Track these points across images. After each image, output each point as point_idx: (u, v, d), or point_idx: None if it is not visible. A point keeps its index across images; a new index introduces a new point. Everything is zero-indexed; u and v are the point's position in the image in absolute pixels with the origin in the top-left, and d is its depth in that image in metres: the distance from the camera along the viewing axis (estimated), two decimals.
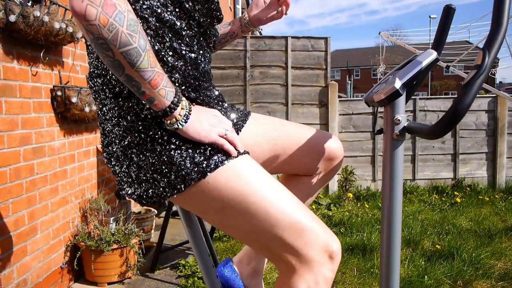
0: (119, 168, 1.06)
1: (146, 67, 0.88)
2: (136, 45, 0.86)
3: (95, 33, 0.82)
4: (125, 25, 0.84)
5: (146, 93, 0.91)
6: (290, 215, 1.00)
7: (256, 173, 1.04)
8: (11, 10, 1.99)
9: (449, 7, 1.23)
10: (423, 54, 1.08)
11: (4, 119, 2.10)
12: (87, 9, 0.80)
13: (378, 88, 1.12)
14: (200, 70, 1.10)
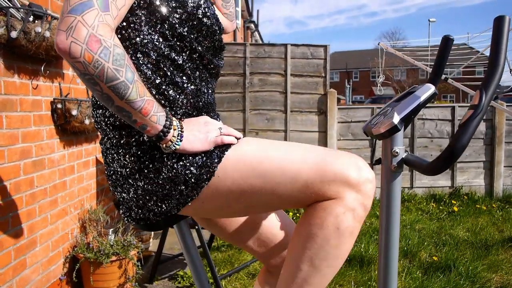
0: (127, 194, 1.07)
1: (135, 98, 0.89)
2: (123, 79, 0.86)
3: (81, 69, 0.83)
4: (110, 60, 0.84)
5: (137, 121, 0.93)
6: (306, 162, 1.01)
7: (256, 144, 1.07)
8: (12, 26, 2.00)
9: (447, 37, 1.25)
10: (421, 88, 1.10)
11: (5, 134, 2.11)
12: (71, 46, 0.81)
13: (377, 120, 1.14)
14: (203, 102, 1.12)
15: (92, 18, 0.82)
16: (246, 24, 18.71)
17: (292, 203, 1.05)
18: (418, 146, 5.18)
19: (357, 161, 1.05)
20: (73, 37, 0.81)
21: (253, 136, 5.11)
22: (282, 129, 5.12)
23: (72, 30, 0.81)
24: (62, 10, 0.84)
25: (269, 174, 1.00)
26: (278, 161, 1.01)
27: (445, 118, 5.18)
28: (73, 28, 0.81)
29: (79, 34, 0.81)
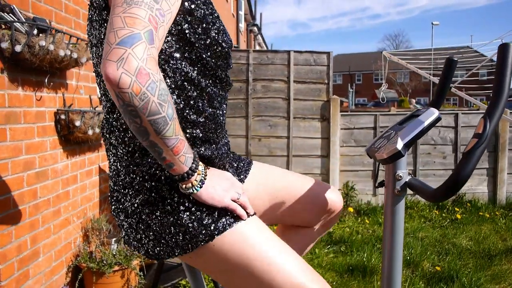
0: (128, 224, 1.08)
1: (171, 135, 0.90)
2: (165, 114, 0.87)
3: (126, 100, 0.83)
4: (156, 94, 0.85)
5: (166, 158, 0.93)
6: (294, 280, 1.02)
7: (262, 236, 1.06)
8: (17, 40, 2.01)
9: (451, 59, 1.25)
10: (425, 113, 1.10)
11: (9, 146, 2.12)
12: (122, 77, 0.81)
13: (380, 143, 1.14)
14: (219, 123, 1.13)
15: (141, 51, 0.83)
16: (249, 28, 18.74)
17: None
18: (421, 153, 5.17)
19: None
20: (124, 68, 0.81)
21: (256, 142, 5.12)
22: (284, 135, 5.12)
23: (124, 61, 0.81)
24: (108, 40, 0.84)
25: (257, 274, 1.02)
26: (273, 268, 1.02)
27: (448, 125, 5.17)
28: (124, 60, 0.81)
29: (130, 66, 0.81)
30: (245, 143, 5.14)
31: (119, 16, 0.86)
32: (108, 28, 0.86)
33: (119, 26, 0.84)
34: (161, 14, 0.91)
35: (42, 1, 2.41)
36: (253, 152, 5.13)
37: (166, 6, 0.93)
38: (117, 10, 0.87)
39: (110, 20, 0.87)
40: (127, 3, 0.87)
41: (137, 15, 0.86)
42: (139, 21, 0.85)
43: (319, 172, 5.12)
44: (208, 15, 1.05)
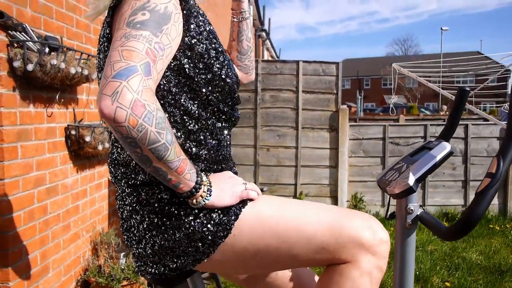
0: (143, 250, 1.08)
1: (173, 159, 0.91)
2: (164, 141, 0.88)
3: (124, 133, 0.84)
4: (153, 124, 0.85)
5: (172, 179, 0.95)
6: (321, 223, 1.03)
7: (274, 204, 1.07)
8: (29, 59, 2.03)
9: (463, 89, 1.24)
10: (437, 147, 1.09)
11: (20, 163, 2.13)
12: (117, 111, 0.81)
13: (391, 176, 1.13)
14: (223, 155, 1.13)
15: (136, 83, 0.83)
16: (257, 33, 18.77)
17: (308, 263, 1.07)
18: None
19: (371, 222, 1.06)
20: (119, 102, 0.81)
21: (265, 152, 5.11)
22: (293, 145, 5.12)
23: (118, 95, 0.81)
24: (105, 73, 0.85)
25: (285, 235, 1.02)
26: (295, 222, 1.03)
27: (458, 136, 5.13)
28: (119, 93, 0.81)
29: (125, 99, 0.81)
30: (253, 153, 5.14)
31: (117, 49, 0.86)
32: (106, 61, 0.87)
33: (116, 59, 0.85)
34: (161, 48, 0.91)
35: (54, 17, 2.43)
36: (261, 162, 5.13)
37: (167, 40, 0.93)
38: (116, 44, 0.88)
39: (109, 54, 0.88)
40: (126, 37, 0.88)
41: (135, 48, 0.86)
42: (136, 53, 0.86)
43: (328, 182, 5.11)
44: (210, 49, 1.05)
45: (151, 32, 0.89)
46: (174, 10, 0.96)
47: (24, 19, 2.14)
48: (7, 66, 2.02)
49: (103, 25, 1.05)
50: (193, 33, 1.01)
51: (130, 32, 0.88)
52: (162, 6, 0.93)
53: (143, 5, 0.92)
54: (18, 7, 2.10)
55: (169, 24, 0.94)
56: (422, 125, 5.16)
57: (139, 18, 0.90)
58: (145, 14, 0.91)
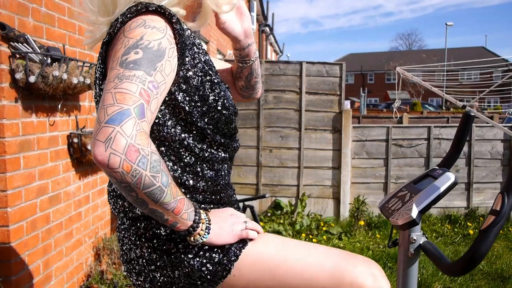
0: (143, 283, 1.08)
1: (169, 200, 0.90)
2: (159, 184, 0.86)
3: (118, 179, 0.83)
4: (148, 168, 0.84)
5: (169, 219, 0.94)
6: (322, 267, 1.03)
7: (274, 244, 1.06)
8: (31, 70, 2.02)
9: (469, 114, 1.23)
10: (441, 178, 1.08)
11: (22, 174, 2.14)
12: (111, 157, 0.80)
13: (394, 205, 1.12)
14: (221, 184, 1.12)
15: (130, 128, 0.81)
16: (261, 28, 18.70)
17: None
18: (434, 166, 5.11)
19: (372, 269, 1.06)
20: (112, 148, 0.79)
21: (267, 153, 5.11)
22: (296, 146, 5.11)
23: (111, 141, 0.80)
24: (98, 117, 0.83)
25: (285, 278, 1.01)
26: (296, 265, 1.02)
27: None
28: (112, 139, 0.80)
29: (118, 145, 0.80)
30: (256, 154, 5.13)
31: (110, 92, 0.84)
32: (100, 104, 0.85)
33: (109, 102, 0.83)
34: (155, 86, 0.89)
35: (56, 25, 2.42)
36: (264, 163, 5.12)
37: (161, 77, 0.91)
38: (109, 86, 0.85)
39: (102, 96, 0.85)
40: (119, 78, 0.85)
41: (128, 90, 0.84)
42: (129, 96, 0.84)
43: (330, 184, 5.10)
44: (206, 82, 1.03)
45: (144, 71, 0.87)
46: (168, 45, 0.94)
47: (26, 29, 2.13)
48: (9, 78, 2.01)
49: (98, 58, 1.03)
50: (188, 66, 0.99)
51: (123, 72, 0.86)
52: (155, 43, 0.91)
53: (136, 43, 0.89)
54: (20, 17, 2.09)
55: (163, 61, 0.91)
56: (426, 127, 5.13)
57: (132, 57, 0.88)
58: (138, 53, 0.88)
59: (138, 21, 0.93)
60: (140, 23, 0.93)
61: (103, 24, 1.05)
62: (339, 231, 4.60)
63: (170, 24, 0.97)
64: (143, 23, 0.93)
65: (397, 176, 5.13)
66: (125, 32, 0.93)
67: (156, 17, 0.95)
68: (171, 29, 0.97)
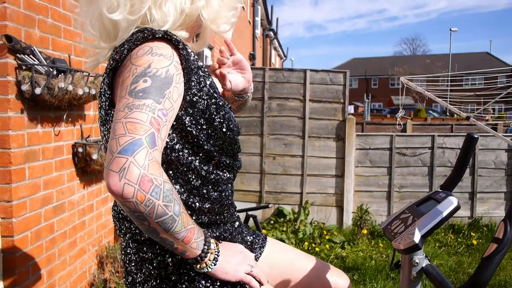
0: None
1: (180, 230, 0.91)
2: (171, 214, 0.87)
3: (132, 208, 0.84)
4: (161, 198, 0.85)
5: (178, 248, 0.94)
6: None
7: None
8: (37, 82, 2.04)
9: (472, 136, 1.23)
10: (444, 203, 1.08)
11: (27, 184, 2.15)
12: (125, 188, 0.81)
13: (397, 228, 1.13)
14: (226, 204, 1.13)
15: (143, 158, 0.82)
16: (265, 32, 18.75)
17: None
18: (438, 175, 5.11)
19: None
20: (126, 178, 0.80)
21: (271, 161, 5.11)
22: (299, 154, 5.11)
23: (125, 171, 0.80)
24: (111, 148, 0.84)
25: None
26: None
27: None
28: (126, 170, 0.80)
29: (132, 175, 0.81)
30: (259, 161, 5.14)
31: (121, 121, 0.85)
32: (111, 134, 0.86)
33: (120, 133, 0.84)
34: (164, 113, 0.90)
35: (62, 36, 2.44)
36: (267, 171, 5.13)
37: (169, 104, 0.92)
38: (119, 115, 0.86)
39: (113, 126, 0.86)
40: (129, 107, 0.86)
41: (139, 120, 0.85)
42: (140, 125, 0.85)
43: (333, 192, 5.09)
44: (211, 105, 1.04)
45: (153, 99, 0.88)
46: (175, 72, 0.95)
47: (32, 41, 2.15)
48: (15, 89, 2.03)
49: (102, 84, 1.03)
50: (194, 90, 1.00)
51: (133, 102, 0.87)
52: (163, 70, 0.92)
53: (144, 71, 0.90)
54: (26, 29, 2.11)
55: (171, 88, 0.92)
56: (430, 136, 5.13)
57: (140, 85, 0.89)
58: (147, 81, 0.89)
59: (145, 48, 0.94)
60: (147, 51, 0.94)
61: (105, 49, 1.06)
62: (342, 240, 4.59)
63: (177, 50, 0.98)
64: (150, 51, 0.94)
65: (401, 184, 5.13)
66: (132, 59, 0.93)
67: (163, 43, 0.96)
68: (178, 55, 0.98)
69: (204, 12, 1.07)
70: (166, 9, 1.02)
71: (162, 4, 1.02)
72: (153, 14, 1.02)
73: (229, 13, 1.12)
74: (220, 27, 1.11)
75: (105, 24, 1.04)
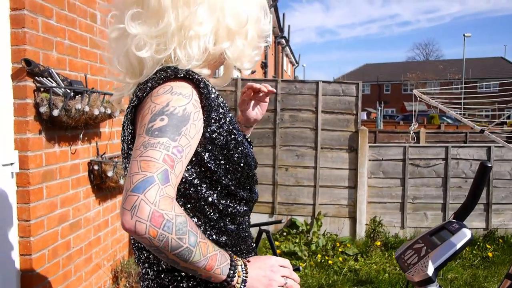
0: None
1: (199, 259, 0.92)
2: (187, 245, 0.89)
3: (147, 243, 0.87)
4: (174, 231, 0.87)
5: (203, 275, 0.97)
6: None
7: None
8: (54, 104, 2.08)
9: (485, 165, 1.23)
10: (458, 235, 1.09)
11: (45, 203, 2.19)
12: (137, 225, 0.84)
13: (410, 258, 1.13)
14: (242, 236, 1.14)
15: (153, 195, 0.85)
16: (277, 40, 18.80)
17: None
18: (452, 187, 5.07)
19: None
20: (137, 216, 0.84)
21: (283, 172, 5.12)
22: (312, 165, 5.11)
23: (136, 209, 0.84)
24: (126, 186, 0.87)
25: None
26: None
27: (480, 158, 5.05)
28: (137, 207, 0.84)
29: (143, 212, 0.84)
30: (272, 173, 5.15)
31: (136, 160, 0.89)
32: (127, 172, 0.90)
33: (134, 171, 0.87)
34: (179, 150, 0.92)
35: (79, 56, 2.50)
36: (280, 182, 5.14)
37: (185, 141, 0.94)
38: (136, 154, 0.90)
39: (130, 164, 0.90)
40: (144, 146, 0.90)
41: (152, 158, 0.88)
42: (153, 163, 0.88)
43: (346, 203, 5.08)
44: (230, 141, 1.06)
45: (168, 137, 0.91)
46: (193, 110, 0.97)
47: (50, 62, 2.20)
48: (34, 111, 2.08)
49: (125, 118, 1.07)
50: (213, 127, 1.03)
51: (148, 140, 0.90)
52: (180, 109, 0.95)
53: (161, 110, 0.93)
54: (44, 52, 2.16)
55: (188, 125, 0.95)
56: (444, 147, 5.10)
57: (157, 124, 0.92)
58: (164, 120, 0.92)
59: (166, 87, 0.97)
60: (167, 90, 0.97)
61: (130, 84, 1.09)
62: (355, 252, 4.58)
63: (197, 89, 1.00)
64: (170, 90, 0.96)
65: (414, 196, 5.10)
66: (153, 97, 0.97)
67: (184, 83, 0.99)
68: (198, 94, 1.00)
69: (228, 51, 1.09)
70: (190, 49, 1.04)
71: (186, 45, 1.04)
72: (177, 53, 1.04)
73: (252, 52, 1.15)
74: (244, 65, 1.14)
75: (132, 61, 1.07)
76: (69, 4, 2.38)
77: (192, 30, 1.03)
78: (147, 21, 1.04)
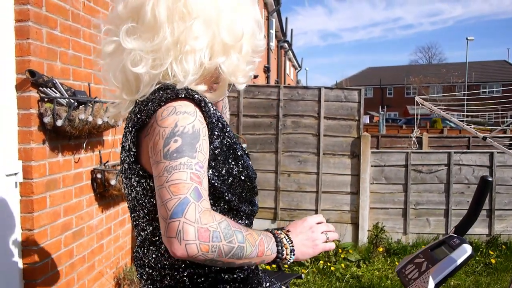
0: None
1: (250, 251, 0.96)
2: (237, 244, 0.92)
3: (202, 260, 0.89)
4: (222, 238, 0.89)
5: (257, 262, 1.00)
6: None
7: None
8: (58, 114, 2.10)
9: (486, 180, 1.24)
10: (458, 251, 1.09)
11: (48, 212, 2.21)
12: (187, 248, 0.86)
13: (411, 273, 1.14)
14: None
15: (193, 214, 0.86)
16: (280, 44, 18.83)
17: None
18: (454, 192, 5.06)
19: None
20: (185, 239, 0.85)
21: (286, 178, 5.13)
22: (314, 171, 5.12)
23: (182, 233, 0.85)
24: (162, 215, 0.88)
25: None
26: None
27: (483, 164, 5.04)
28: (182, 232, 0.85)
29: (188, 234, 0.85)
30: (274, 178, 5.15)
31: (164, 187, 0.89)
32: (158, 201, 0.90)
33: (166, 198, 0.88)
34: (200, 166, 0.94)
35: (82, 66, 2.52)
36: (282, 188, 5.14)
37: (202, 156, 0.96)
38: (161, 181, 0.90)
39: (157, 192, 0.91)
40: (168, 170, 0.90)
41: (180, 180, 0.89)
42: (182, 185, 0.89)
43: (349, 209, 5.08)
44: (230, 155, 1.07)
45: (188, 156, 0.92)
46: (201, 126, 0.99)
47: (54, 73, 2.22)
48: (38, 121, 2.10)
49: (125, 139, 1.08)
50: (216, 143, 1.04)
51: (169, 164, 0.91)
52: (189, 126, 0.96)
53: (172, 132, 0.94)
54: (48, 62, 2.18)
55: (200, 141, 0.96)
56: (446, 153, 5.09)
57: (172, 146, 0.93)
58: (177, 141, 0.93)
59: (169, 108, 0.98)
60: (171, 111, 0.97)
61: (126, 101, 1.10)
62: (357, 258, 4.57)
63: (199, 107, 1.02)
64: (174, 110, 0.97)
65: (417, 202, 5.09)
66: (158, 121, 0.97)
67: (185, 102, 1.00)
68: (200, 111, 1.01)
69: (223, 65, 1.10)
70: (186, 64, 1.05)
71: (182, 59, 1.05)
72: (174, 68, 1.05)
73: (247, 67, 1.16)
74: (238, 79, 1.15)
75: (128, 76, 1.07)
76: (73, 15, 2.40)
77: (188, 44, 1.04)
78: (142, 36, 1.05)
